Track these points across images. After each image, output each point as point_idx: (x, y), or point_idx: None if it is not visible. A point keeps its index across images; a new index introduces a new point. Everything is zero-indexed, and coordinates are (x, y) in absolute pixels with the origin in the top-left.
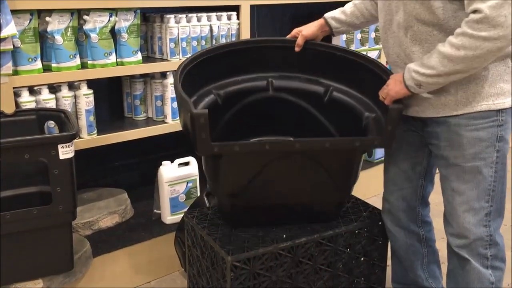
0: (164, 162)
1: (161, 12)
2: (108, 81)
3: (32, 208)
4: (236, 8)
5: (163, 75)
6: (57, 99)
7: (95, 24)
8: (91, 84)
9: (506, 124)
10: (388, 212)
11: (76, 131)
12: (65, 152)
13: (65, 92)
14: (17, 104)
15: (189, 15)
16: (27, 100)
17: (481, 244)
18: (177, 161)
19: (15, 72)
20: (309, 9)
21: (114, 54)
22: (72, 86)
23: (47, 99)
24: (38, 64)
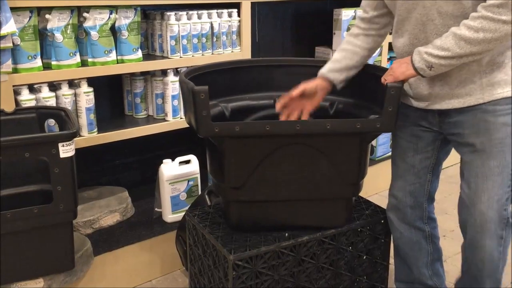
0: (165, 161)
1: (162, 9)
2: (109, 79)
3: (33, 207)
4: (237, 5)
5: (164, 73)
6: (57, 97)
7: (95, 22)
8: (92, 82)
9: None
10: (395, 209)
11: (77, 130)
12: (66, 151)
13: (65, 90)
14: (17, 102)
15: (190, 12)
16: (27, 98)
17: (499, 227)
18: (178, 159)
19: (15, 70)
20: (311, 7)
21: (115, 52)
22: (72, 84)
23: (47, 97)
24: (38, 62)
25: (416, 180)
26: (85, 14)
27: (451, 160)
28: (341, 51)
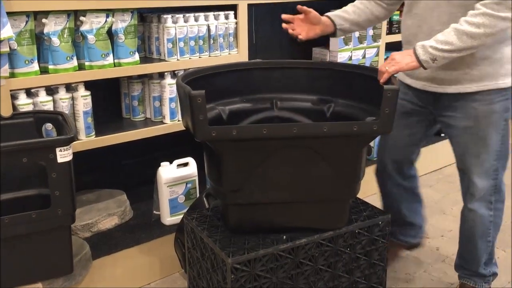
0: (163, 163)
1: (158, 12)
2: (106, 82)
3: (31, 212)
4: (234, 7)
5: (161, 76)
6: (55, 101)
7: (92, 25)
8: (89, 85)
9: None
10: (383, 171)
11: (74, 135)
12: (63, 156)
13: (63, 94)
14: (15, 107)
15: (187, 15)
16: (25, 103)
17: (489, 193)
18: (176, 162)
19: (12, 75)
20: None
21: (112, 55)
22: (70, 88)
23: (45, 101)
24: (35, 66)
25: (403, 151)
26: (82, 18)
27: (449, 160)
28: (353, 6)
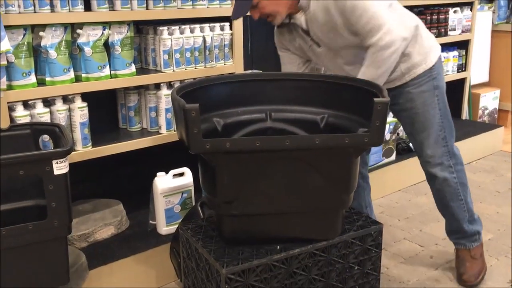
0: (159, 173)
1: (155, 24)
2: (103, 93)
3: (28, 224)
4: (229, 19)
5: (157, 87)
6: (52, 113)
7: (89, 38)
8: (86, 96)
9: (439, 75)
10: None
11: (71, 147)
12: (60, 168)
13: (60, 106)
14: (12, 119)
15: (182, 27)
16: (22, 115)
17: (445, 159)
18: (172, 172)
19: (10, 87)
20: None
21: (108, 67)
22: (67, 99)
23: (42, 113)
24: (32, 79)
25: None
26: (79, 31)
27: None
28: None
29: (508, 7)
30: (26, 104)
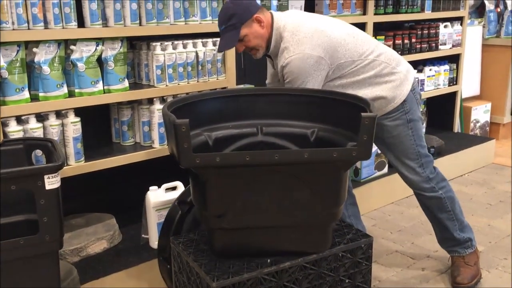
0: (151, 187)
1: (148, 40)
2: (96, 108)
3: (19, 239)
4: None
5: (150, 101)
6: (45, 128)
7: (82, 54)
8: (79, 111)
9: (412, 110)
10: None
11: (62, 162)
12: (51, 183)
13: (53, 121)
14: (5, 134)
15: (175, 42)
16: (15, 130)
17: (426, 183)
18: (164, 186)
19: (3, 103)
20: None
21: (101, 82)
22: (60, 114)
23: (35, 128)
24: (26, 94)
25: None
26: (72, 47)
27: None
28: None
29: (498, 22)
30: (19, 119)
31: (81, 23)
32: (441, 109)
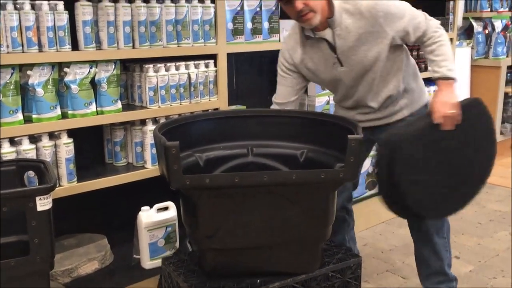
0: (143, 208)
1: (141, 62)
2: (89, 129)
3: (10, 260)
4: (214, 56)
5: (143, 122)
6: (38, 149)
7: (76, 76)
8: (72, 131)
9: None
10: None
11: (54, 183)
12: (43, 204)
13: (46, 142)
14: None
15: (168, 64)
16: (8, 151)
17: None
18: (156, 206)
19: None
20: None
21: (94, 104)
22: (53, 136)
23: (28, 149)
24: (19, 116)
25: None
26: (66, 69)
27: None
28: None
29: (486, 43)
30: (13, 141)
31: (75, 46)
32: None
